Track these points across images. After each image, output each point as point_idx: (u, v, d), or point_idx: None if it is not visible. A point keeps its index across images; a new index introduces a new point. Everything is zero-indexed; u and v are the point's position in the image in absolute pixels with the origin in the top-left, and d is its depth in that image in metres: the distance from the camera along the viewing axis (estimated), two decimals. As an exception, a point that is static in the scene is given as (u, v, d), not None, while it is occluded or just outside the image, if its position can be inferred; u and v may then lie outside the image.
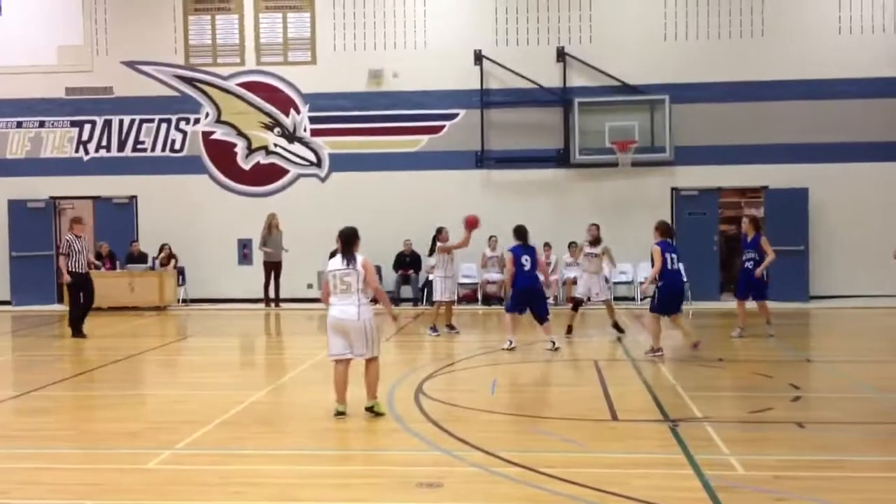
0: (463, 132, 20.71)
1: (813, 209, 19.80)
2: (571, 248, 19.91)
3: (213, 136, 21.39)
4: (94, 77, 21.47)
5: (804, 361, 12.53)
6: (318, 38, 21.21)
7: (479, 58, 20.61)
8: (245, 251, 21.31)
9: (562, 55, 20.54)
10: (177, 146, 21.46)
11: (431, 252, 15.70)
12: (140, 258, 20.61)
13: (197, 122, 21.42)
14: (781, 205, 19.74)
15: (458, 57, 20.64)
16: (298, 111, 21.25)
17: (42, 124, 21.63)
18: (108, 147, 21.57)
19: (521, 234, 13.53)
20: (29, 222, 21.24)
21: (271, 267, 20.26)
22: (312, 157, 21.27)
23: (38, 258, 21.17)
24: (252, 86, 21.34)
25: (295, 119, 21.26)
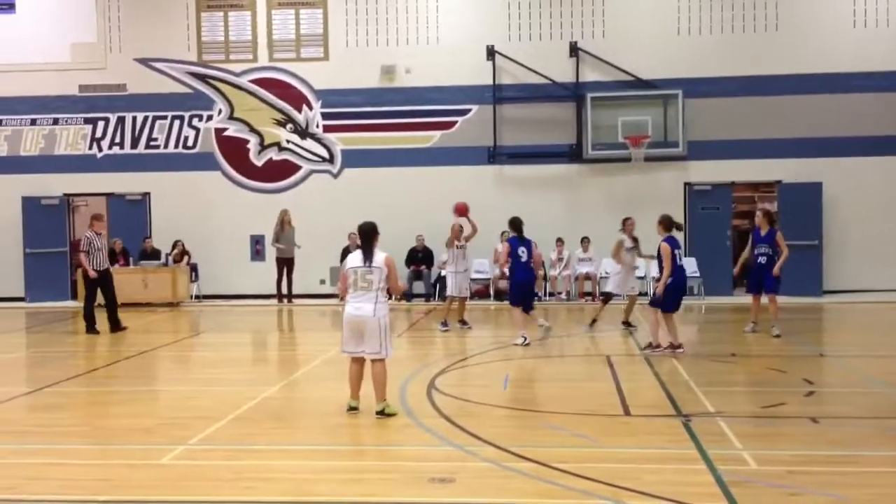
0: (475, 128, 20.70)
1: (827, 203, 19.70)
2: (583, 243, 19.95)
3: (226, 133, 21.45)
4: (108, 74, 21.56)
5: (818, 356, 12.46)
6: (331, 34, 21.22)
7: (491, 53, 20.58)
8: (258, 247, 21.35)
9: (574, 50, 20.49)
10: (190, 143, 21.53)
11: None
12: (153, 255, 20.67)
13: (210, 118, 21.47)
14: (795, 199, 19.64)
15: (471, 52, 20.63)
16: (311, 107, 21.27)
17: (56, 121, 21.73)
18: (121, 144, 21.65)
19: (516, 225, 13.55)
20: (43, 219, 21.35)
21: (284, 263, 20.32)
22: (325, 153, 21.29)
23: (52, 255, 21.29)
24: (265, 82, 21.38)
25: (307, 115, 21.28)
